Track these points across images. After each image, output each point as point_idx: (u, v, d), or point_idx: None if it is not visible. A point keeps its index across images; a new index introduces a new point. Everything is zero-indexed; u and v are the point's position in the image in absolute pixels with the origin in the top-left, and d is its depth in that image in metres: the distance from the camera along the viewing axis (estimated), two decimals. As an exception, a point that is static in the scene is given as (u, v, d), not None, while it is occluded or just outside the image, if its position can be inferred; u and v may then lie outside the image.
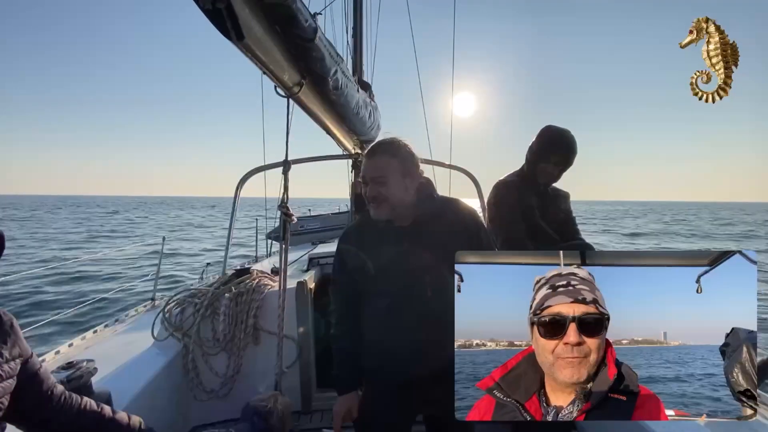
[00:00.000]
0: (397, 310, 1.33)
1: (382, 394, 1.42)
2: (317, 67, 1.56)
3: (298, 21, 1.27)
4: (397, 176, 1.30)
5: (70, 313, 3.91)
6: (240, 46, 1.17)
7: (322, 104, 1.94)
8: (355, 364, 1.43)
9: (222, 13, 1.02)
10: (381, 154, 1.33)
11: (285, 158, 1.77)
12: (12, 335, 1.00)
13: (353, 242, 1.43)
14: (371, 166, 1.33)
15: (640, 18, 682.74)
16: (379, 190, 1.30)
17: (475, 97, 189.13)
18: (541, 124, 1.88)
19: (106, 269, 12.22)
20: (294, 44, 1.37)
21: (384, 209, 1.31)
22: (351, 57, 3.96)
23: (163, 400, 1.99)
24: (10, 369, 0.97)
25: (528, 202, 1.82)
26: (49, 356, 2.28)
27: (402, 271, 1.32)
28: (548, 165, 1.81)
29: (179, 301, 2.35)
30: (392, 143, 1.34)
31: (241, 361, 2.27)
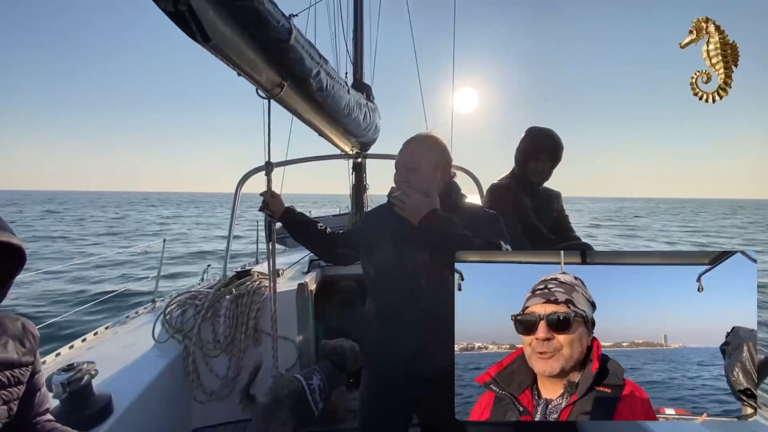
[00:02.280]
0: (398, 305, 1.34)
1: (381, 385, 1.44)
2: (297, 69, 1.54)
3: (268, 22, 1.25)
4: (430, 166, 1.34)
5: (70, 313, 3.91)
6: (208, 47, 1.15)
7: (308, 106, 1.92)
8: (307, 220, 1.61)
9: (185, 15, 1.00)
10: (420, 143, 1.37)
11: (267, 160, 1.77)
12: (29, 344, 1.00)
13: (370, 224, 1.51)
14: (408, 152, 1.36)
15: (642, 18, 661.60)
16: (409, 176, 1.33)
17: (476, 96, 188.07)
18: (543, 123, 1.92)
19: (108, 270, 12.26)
20: (268, 46, 1.36)
21: None
22: (350, 58, 3.96)
23: (164, 401, 1.99)
24: (21, 374, 0.97)
25: (523, 203, 1.86)
26: (50, 358, 2.29)
27: (405, 263, 1.33)
28: (539, 163, 1.87)
29: (180, 303, 2.35)
30: (431, 136, 1.40)
31: (242, 363, 2.27)
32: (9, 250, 0.91)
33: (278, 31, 1.31)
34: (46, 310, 8.03)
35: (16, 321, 1.00)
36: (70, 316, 4.18)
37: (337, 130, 2.49)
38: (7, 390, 0.93)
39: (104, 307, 6.73)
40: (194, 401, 2.23)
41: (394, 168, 1.41)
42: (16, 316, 1.02)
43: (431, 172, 1.35)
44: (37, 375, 1.05)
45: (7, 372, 0.93)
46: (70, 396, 1.43)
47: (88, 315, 6.32)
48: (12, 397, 0.94)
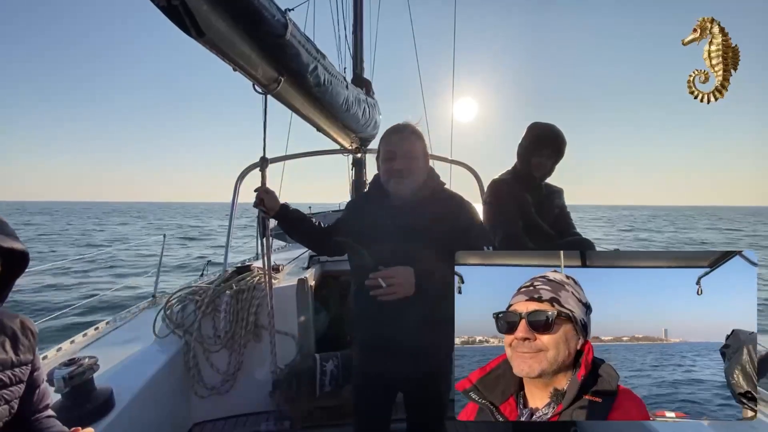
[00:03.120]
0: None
1: (367, 377, 1.50)
2: (293, 64, 1.53)
3: (263, 17, 1.24)
4: (421, 156, 1.40)
5: (70, 311, 3.91)
6: (202, 42, 1.15)
7: (305, 101, 1.91)
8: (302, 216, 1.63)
9: (178, 9, 0.99)
10: (410, 133, 1.40)
11: (262, 155, 1.77)
12: (28, 341, 1.00)
13: (356, 212, 1.55)
14: (404, 140, 1.38)
15: (643, 18, 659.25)
16: (410, 165, 1.36)
17: (477, 89, 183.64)
18: (544, 119, 1.91)
19: (109, 268, 12.24)
20: (263, 40, 1.35)
21: (408, 184, 1.37)
22: (351, 54, 3.93)
23: (165, 396, 2.00)
24: (21, 373, 0.97)
25: (523, 199, 1.85)
26: (51, 353, 2.30)
27: (389, 246, 1.33)
28: (542, 158, 1.85)
29: (180, 299, 2.36)
30: (414, 126, 1.43)
31: (242, 358, 2.29)
32: (12, 254, 0.92)
33: (273, 25, 1.30)
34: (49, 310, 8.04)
35: (15, 319, 1.00)
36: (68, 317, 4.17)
37: (336, 125, 2.48)
38: (8, 389, 0.93)
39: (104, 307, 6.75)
40: (195, 396, 2.24)
41: (382, 157, 1.41)
42: (14, 313, 1.02)
43: (424, 159, 1.41)
44: (37, 372, 1.05)
45: (7, 371, 0.93)
46: (71, 390, 1.45)
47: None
48: (13, 396, 0.95)
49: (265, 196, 1.60)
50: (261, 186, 1.66)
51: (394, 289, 1.19)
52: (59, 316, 3.62)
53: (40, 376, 1.06)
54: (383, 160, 1.40)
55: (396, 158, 1.37)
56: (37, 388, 1.05)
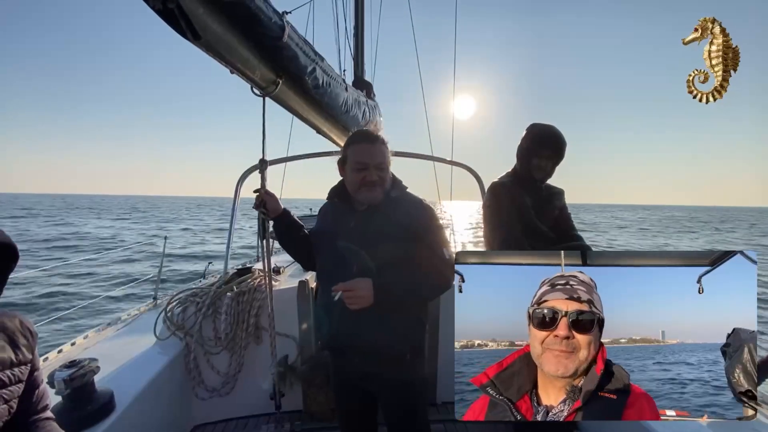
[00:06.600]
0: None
1: (338, 366, 1.51)
2: (291, 66, 1.54)
3: (260, 19, 1.24)
4: (388, 164, 1.43)
5: (71, 312, 3.91)
6: (198, 45, 1.14)
7: (304, 103, 1.91)
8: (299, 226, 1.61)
9: (174, 12, 0.99)
10: (381, 142, 1.41)
11: (262, 157, 1.77)
12: (27, 341, 1.00)
13: (327, 220, 1.54)
14: (376, 151, 1.39)
15: (645, 17, 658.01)
16: (382, 175, 1.39)
17: (478, 91, 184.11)
18: (544, 119, 1.90)
19: (109, 269, 12.25)
20: (260, 43, 1.35)
21: (380, 193, 1.39)
22: (352, 56, 3.93)
23: (165, 398, 2.00)
24: (20, 373, 0.97)
25: (524, 202, 1.84)
26: (52, 355, 2.30)
27: (354, 249, 1.37)
28: (542, 160, 1.84)
29: (181, 301, 2.36)
30: (378, 134, 1.44)
31: (243, 360, 2.29)
32: (1, 249, 0.91)
33: (270, 28, 1.30)
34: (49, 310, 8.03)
35: (14, 318, 1.00)
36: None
37: (335, 127, 2.48)
38: (7, 389, 0.93)
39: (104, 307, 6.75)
40: (195, 398, 2.24)
41: (354, 167, 1.39)
42: (13, 313, 1.01)
43: (388, 169, 1.43)
44: (36, 372, 1.04)
45: (7, 371, 0.93)
46: (72, 392, 1.44)
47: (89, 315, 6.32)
48: (12, 395, 0.94)
49: (267, 198, 1.60)
50: (261, 188, 1.66)
51: (354, 301, 1.25)
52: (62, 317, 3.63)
53: (40, 377, 1.06)
54: (355, 171, 1.39)
55: (369, 169, 1.37)
56: (36, 388, 1.04)
